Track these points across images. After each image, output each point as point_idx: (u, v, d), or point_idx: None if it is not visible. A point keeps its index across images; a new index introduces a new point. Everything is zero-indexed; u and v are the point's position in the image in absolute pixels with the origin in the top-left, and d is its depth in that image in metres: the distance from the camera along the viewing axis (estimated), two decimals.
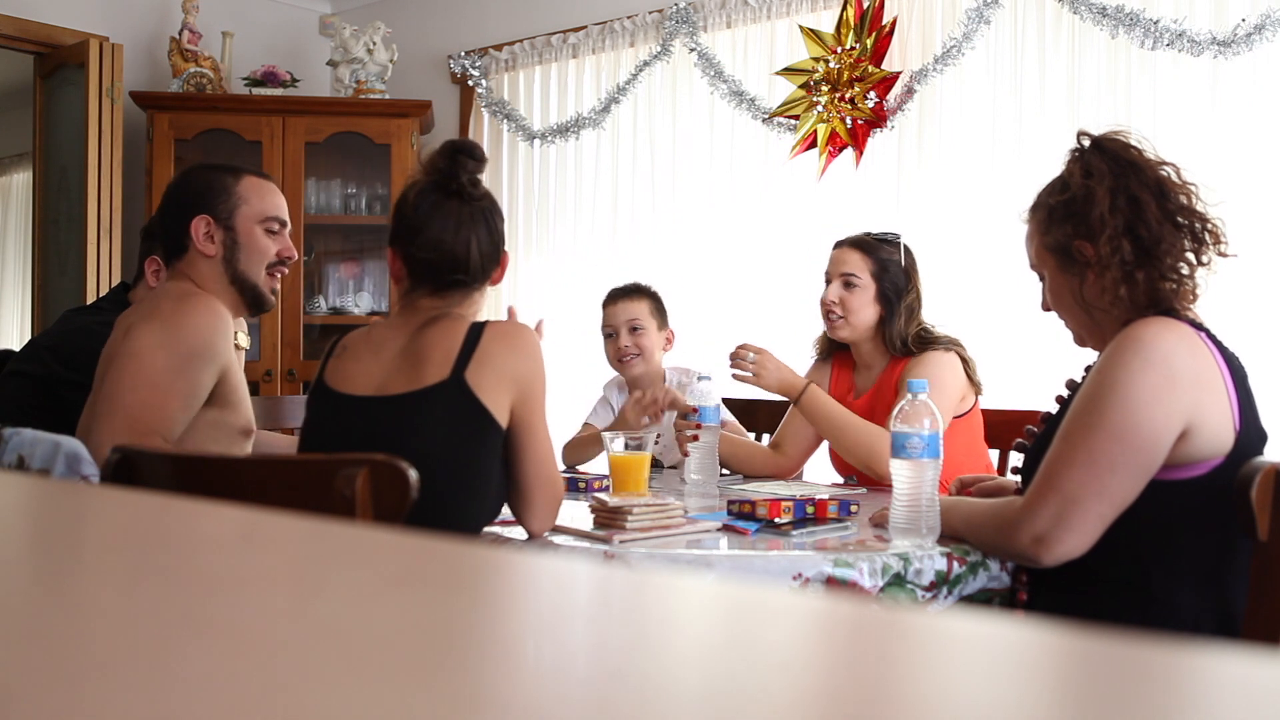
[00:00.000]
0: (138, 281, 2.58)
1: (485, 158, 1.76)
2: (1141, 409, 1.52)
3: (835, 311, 2.45)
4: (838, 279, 2.45)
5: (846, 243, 2.51)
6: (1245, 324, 3.09)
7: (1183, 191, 1.62)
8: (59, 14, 4.54)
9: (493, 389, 1.63)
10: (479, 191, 1.74)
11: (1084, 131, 1.68)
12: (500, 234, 1.78)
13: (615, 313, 2.90)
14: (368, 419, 1.65)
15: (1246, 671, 0.38)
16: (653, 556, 1.61)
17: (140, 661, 0.37)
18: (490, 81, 4.78)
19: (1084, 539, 1.56)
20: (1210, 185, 1.65)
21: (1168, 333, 1.56)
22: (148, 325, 1.91)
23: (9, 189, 7.56)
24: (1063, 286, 1.69)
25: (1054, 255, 1.69)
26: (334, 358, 1.75)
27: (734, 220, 4.12)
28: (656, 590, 0.53)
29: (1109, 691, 0.37)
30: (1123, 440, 1.52)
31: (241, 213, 2.08)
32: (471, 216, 1.73)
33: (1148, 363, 1.53)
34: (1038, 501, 1.57)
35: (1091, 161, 1.64)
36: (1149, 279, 1.60)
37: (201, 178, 2.11)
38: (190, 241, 2.06)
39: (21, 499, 0.79)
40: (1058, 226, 1.66)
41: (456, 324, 1.68)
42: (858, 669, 0.41)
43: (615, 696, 0.36)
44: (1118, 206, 1.59)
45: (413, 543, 0.59)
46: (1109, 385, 1.55)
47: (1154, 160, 1.64)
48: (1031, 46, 3.54)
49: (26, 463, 1.74)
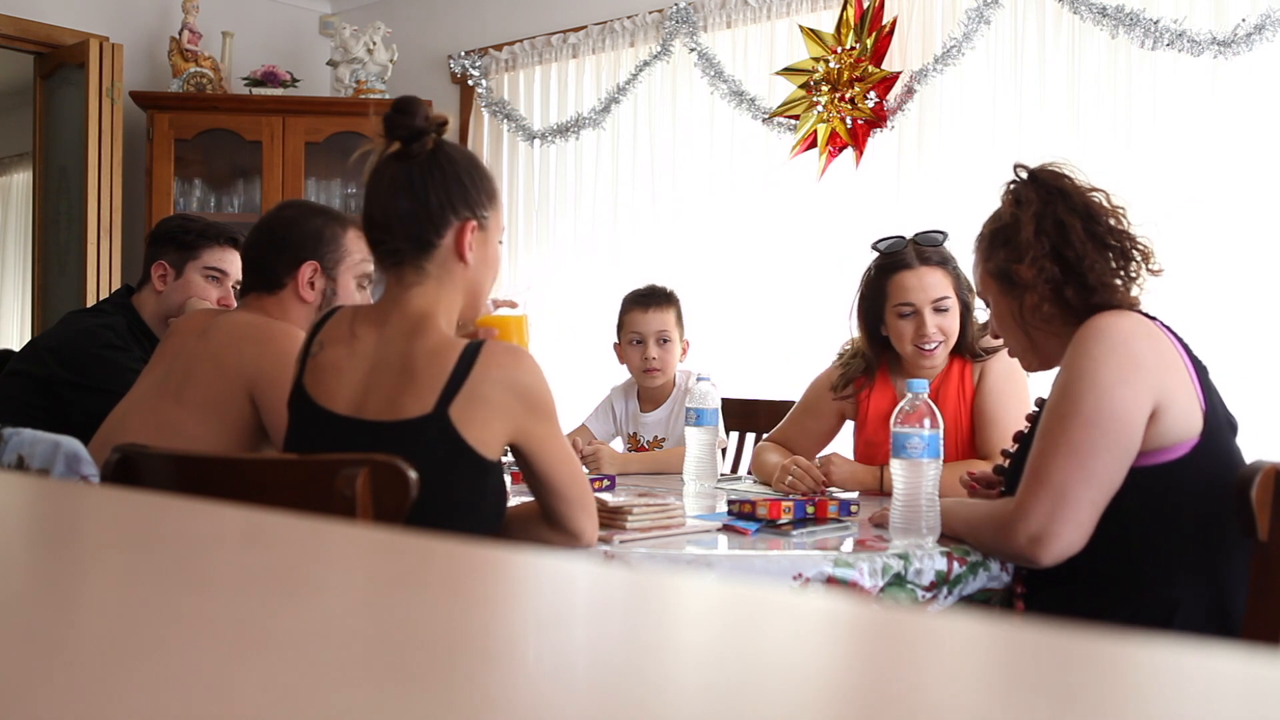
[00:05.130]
0: (143, 285, 2.58)
1: (416, 110, 1.56)
2: (1112, 390, 1.58)
3: (934, 340, 2.23)
4: (929, 307, 2.22)
5: (919, 262, 2.26)
6: (1245, 322, 3.09)
7: (1111, 215, 1.73)
8: (59, 14, 4.54)
9: (482, 425, 1.50)
10: (416, 150, 1.57)
11: (1020, 164, 1.80)
12: (440, 195, 1.57)
13: (647, 321, 2.85)
14: (345, 441, 1.54)
15: (1246, 671, 0.38)
16: (653, 556, 1.61)
17: (140, 661, 0.37)
18: (490, 81, 4.78)
19: (1079, 531, 1.58)
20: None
21: (1124, 320, 1.64)
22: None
23: (9, 189, 7.56)
24: (1004, 310, 1.79)
25: (995, 280, 1.79)
26: (312, 356, 1.63)
27: (734, 220, 4.12)
28: (656, 590, 0.53)
29: (1108, 691, 0.37)
30: (1100, 424, 1.58)
31: (345, 265, 2.10)
32: (396, 177, 1.58)
33: (1110, 348, 1.60)
34: (1028, 499, 1.60)
35: (1022, 191, 1.76)
36: (1078, 294, 1.69)
37: (314, 221, 2.10)
38: (290, 282, 2.05)
39: (21, 499, 0.79)
40: (995, 252, 1.77)
41: (448, 345, 1.54)
42: (857, 669, 0.41)
43: (615, 696, 0.36)
44: (1044, 230, 1.71)
45: (413, 543, 0.59)
46: (1077, 375, 1.61)
47: (1085, 186, 1.75)
48: (1031, 46, 3.54)
49: (26, 463, 1.74)
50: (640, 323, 2.86)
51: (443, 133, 1.61)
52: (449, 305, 1.61)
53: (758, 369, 3.88)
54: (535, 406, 1.54)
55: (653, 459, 2.72)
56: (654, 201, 4.33)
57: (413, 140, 1.58)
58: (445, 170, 1.59)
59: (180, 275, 2.52)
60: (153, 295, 2.54)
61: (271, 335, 1.96)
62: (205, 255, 2.53)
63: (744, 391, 3.28)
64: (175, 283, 2.52)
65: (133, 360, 2.39)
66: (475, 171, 1.63)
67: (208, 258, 2.53)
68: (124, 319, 2.52)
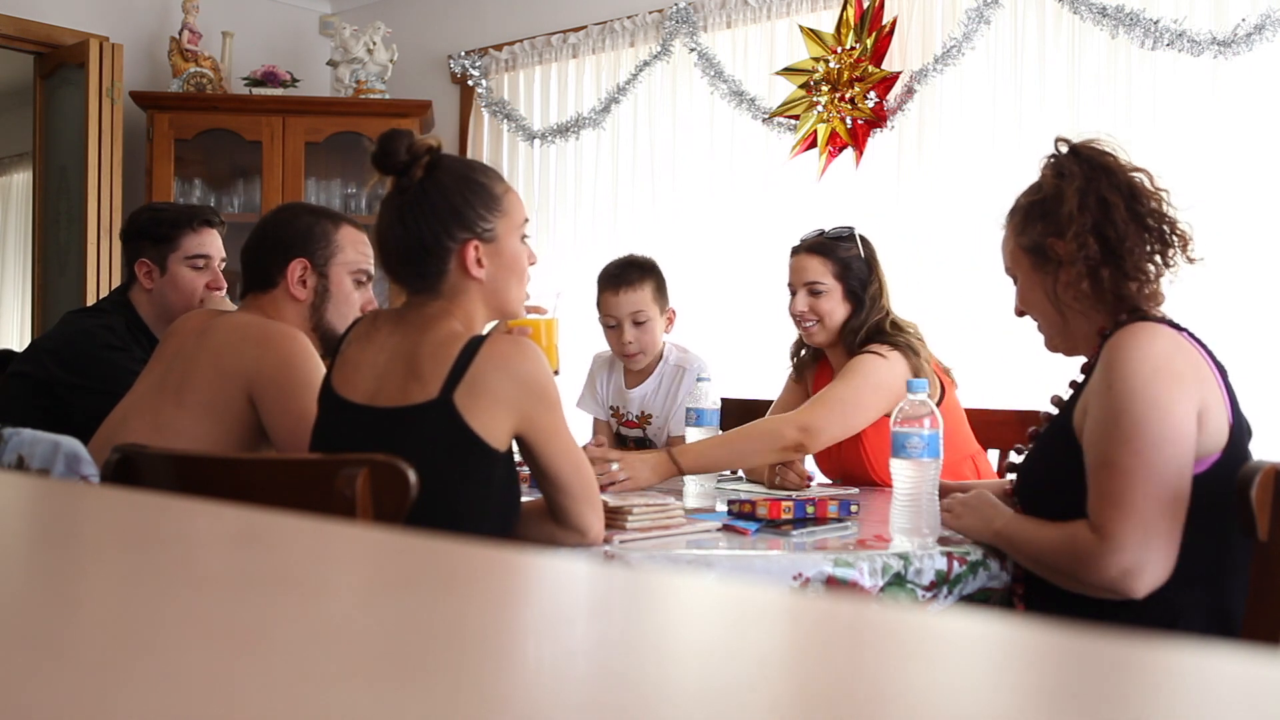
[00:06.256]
0: (131, 284, 2.57)
1: (397, 146, 1.60)
2: (1172, 409, 1.54)
3: (807, 319, 2.43)
4: (802, 288, 2.43)
5: (803, 249, 2.46)
6: (1246, 321, 3.09)
7: (1153, 197, 1.68)
8: (59, 14, 4.54)
9: (485, 412, 1.53)
10: (404, 184, 1.62)
11: (1061, 138, 1.75)
12: (431, 228, 1.60)
13: (618, 304, 2.74)
14: (361, 427, 1.59)
15: (1246, 671, 0.38)
16: (653, 556, 1.61)
17: (140, 661, 0.37)
18: (490, 81, 4.78)
19: (1170, 561, 1.53)
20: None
21: (1156, 338, 1.59)
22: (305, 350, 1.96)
23: (9, 189, 7.56)
24: (1036, 286, 1.74)
25: (1028, 255, 1.74)
26: (340, 353, 1.71)
27: (734, 220, 4.12)
28: (656, 590, 0.53)
29: (1107, 691, 0.37)
30: (1168, 444, 1.53)
31: (337, 261, 2.10)
32: (389, 214, 1.64)
33: (1155, 369, 1.55)
34: (1117, 531, 1.53)
35: (1065, 164, 1.71)
36: (1114, 277, 1.65)
37: (304, 220, 2.11)
38: (281, 280, 2.06)
39: (21, 499, 0.79)
40: (1031, 225, 1.72)
41: (455, 337, 1.58)
42: (857, 669, 0.41)
43: (615, 697, 0.36)
44: (1087, 205, 1.65)
45: (413, 543, 0.59)
46: (1129, 399, 1.55)
47: (1127, 165, 1.71)
48: (1031, 46, 3.54)
49: (26, 463, 1.74)
50: (612, 305, 2.75)
51: (432, 157, 1.63)
52: (467, 314, 1.65)
53: (758, 369, 3.88)
54: (539, 396, 1.57)
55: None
56: (654, 201, 4.33)
57: (401, 174, 1.62)
58: (434, 200, 1.62)
59: (165, 270, 2.51)
60: (143, 294, 2.53)
61: (271, 336, 1.97)
62: (184, 244, 2.51)
63: (744, 391, 3.28)
64: (162, 279, 2.51)
65: (132, 361, 2.39)
66: (468, 188, 1.64)
67: (187, 246, 2.51)
68: (123, 318, 2.52)
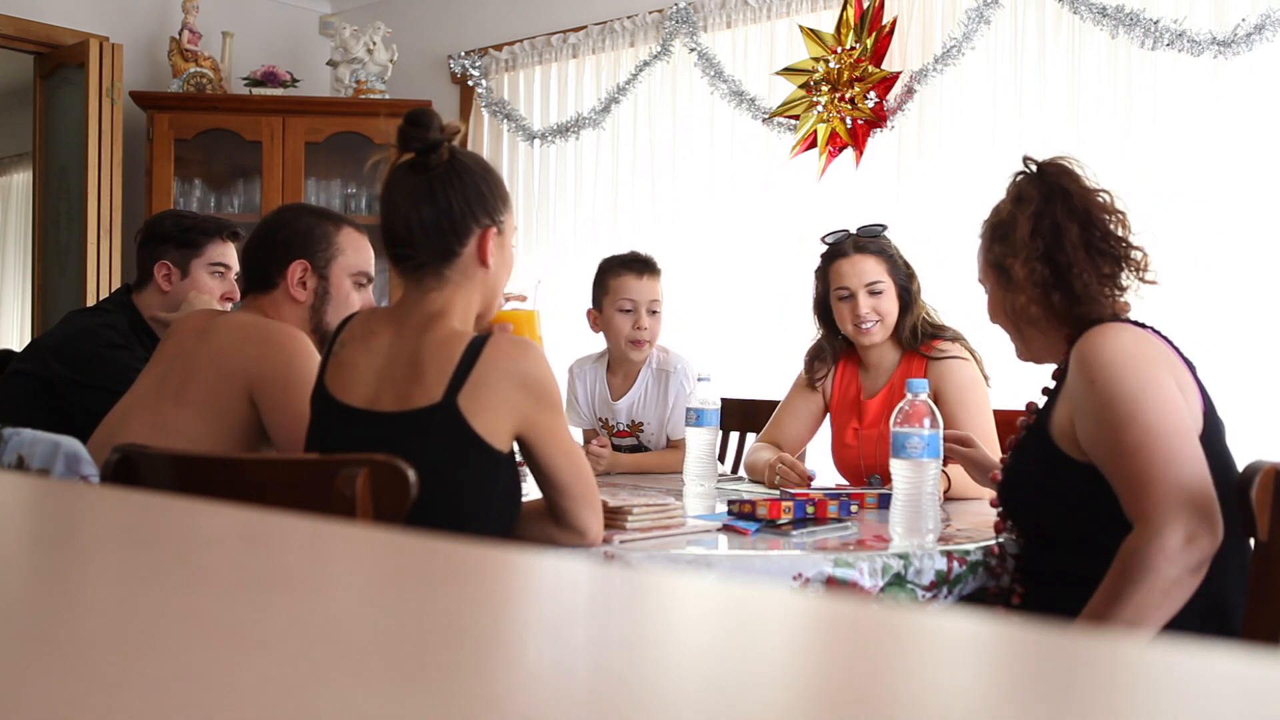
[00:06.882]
0: (142, 285, 2.58)
1: (431, 123, 1.60)
2: (1158, 383, 1.57)
3: (868, 320, 2.40)
4: (862, 290, 2.40)
5: (854, 250, 2.43)
6: (1245, 321, 3.09)
7: (1112, 218, 1.72)
8: (59, 14, 4.54)
9: (489, 414, 1.53)
10: (433, 161, 1.61)
11: (1029, 157, 1.79)
12: (461, 205, 1.62)
13: (641, 288, 2.73)
14: (360, 433, 1.58)
15: (1245, 671, 0.38)
16: (653, 557, 1.61)
17: (139, 661, 0.37)
18: (490, 81, 4.78)
19: (1216, 509, 1.51)
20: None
21: (1122, 332, 1.63)
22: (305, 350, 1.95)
23: (9, 189, 7.56)
24: (998, 300, 1.81)
25: (993, 270, 1.80)
26: (333, 355, 1.69)
27: (734, 220, 4.12)
28: (656, 590, 0.53)
29: (1106, 691, 0.37)
30: (1167, 412, 1.55)
31: (338, 263, 2.10)
32: (415, 189, 1.61)
33: (1129, 354, 1.59)
34: (1158, 508, 1.51)
35: (1023, 188, 1.76)
36: (1064, 301, 1.69)
37: (305, 221, 2.11)
38: (281, 281, 2.06)
39: (21, 499, 0.79)
40: (994, 245, 1.79)
41: (455, 337, 1.59)
42: (857, 669, 0.41)
43: (615, 697, 0.36)
44: (1040, 230, 1.70)
45: (413, 543, 0.59)
46: (1114, 384, 1.57)
47: (1089, 188, 1.73)
48: (1031, 46, 3.54)
49: (26, 463, 1.74)
50: (634, 289, 2.74)
51: (455, 141, 1.65)
52: (465, 307, 1.65)
53: (758, 369, 3.88)
54: (541, 397, 1.57)
55: (643, 462, 2.73)
56: (654, 201, 4.33)
57: (428, 152, 1.61)
58: (464, 179, 1.63)
59: (186, 274, 2.53)
60: (158, 295, 2.54)
61: (271, 336, 1.97)
62: (209, 251, 2.55)
63: (744, 391, 3.28)
64: (182, 282, 2.53)
65: (135, 359, 2.39)
66: (490, 177, 1.68)
67: (211, 253, 2.55)
68: (125, 318, 2.52)
